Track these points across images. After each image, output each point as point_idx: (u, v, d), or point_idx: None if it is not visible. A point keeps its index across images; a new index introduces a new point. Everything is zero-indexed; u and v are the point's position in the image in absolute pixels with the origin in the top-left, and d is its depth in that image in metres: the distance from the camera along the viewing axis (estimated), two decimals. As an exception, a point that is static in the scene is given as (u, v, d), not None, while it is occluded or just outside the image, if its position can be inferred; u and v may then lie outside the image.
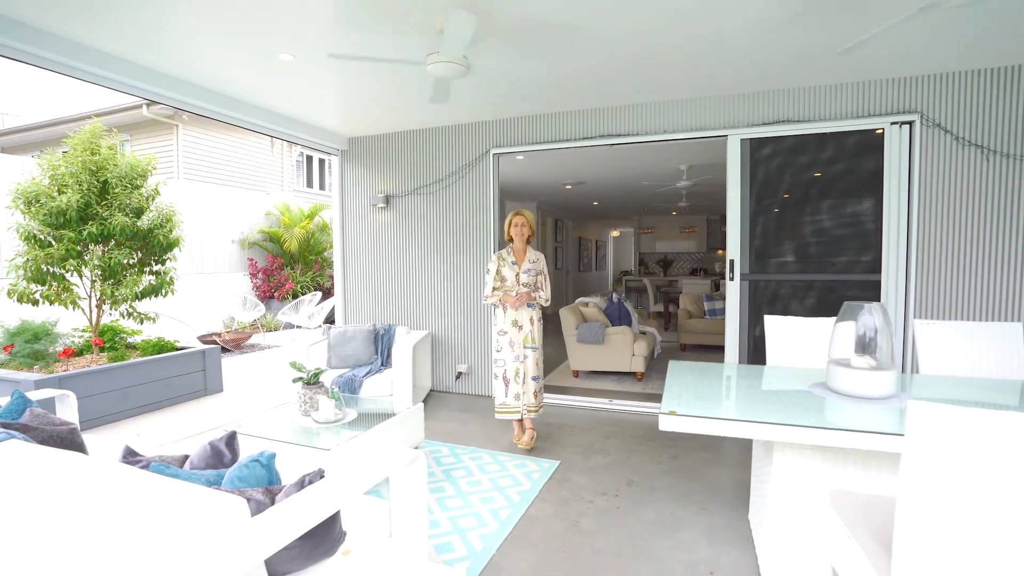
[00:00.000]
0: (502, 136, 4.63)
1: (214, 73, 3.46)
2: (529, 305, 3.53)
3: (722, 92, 3.82)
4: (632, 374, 5.36)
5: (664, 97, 3.96)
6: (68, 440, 1.86)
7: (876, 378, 1.95)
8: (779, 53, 3.10)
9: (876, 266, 3.58)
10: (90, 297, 4.53)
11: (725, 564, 2.14)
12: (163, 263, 4.81)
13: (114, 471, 1.32)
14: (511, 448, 3.48)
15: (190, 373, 4.59)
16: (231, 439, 1.78)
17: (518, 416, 3.50)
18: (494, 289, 3.54)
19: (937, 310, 3.47)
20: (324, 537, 1.52)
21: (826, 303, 3.77)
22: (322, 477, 1.58)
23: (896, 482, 1.83)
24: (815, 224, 3.79)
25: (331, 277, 10.13)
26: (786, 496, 1.92)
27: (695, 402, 1.97)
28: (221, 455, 1.75)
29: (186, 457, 1.80)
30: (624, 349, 5.18)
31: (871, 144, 3.57)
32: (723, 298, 6.83)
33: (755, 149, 3.82)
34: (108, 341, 4.63)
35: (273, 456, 1.62)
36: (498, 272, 3.54)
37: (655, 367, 5.74)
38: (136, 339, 4.80)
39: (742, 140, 3.80)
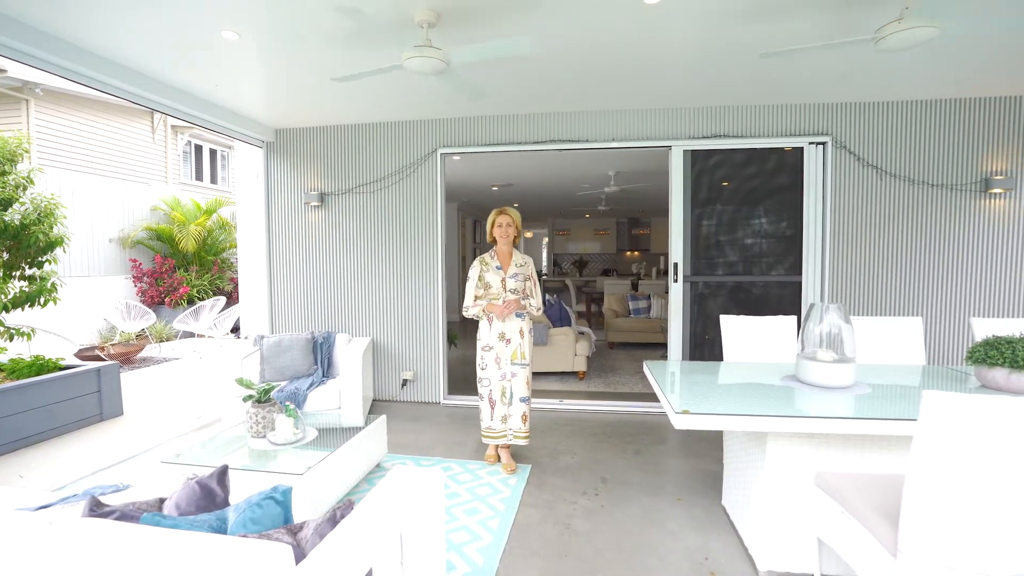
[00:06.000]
0: (449, 136, 4.50)
1: (123, 44, 2.95)
2: (518, 315, 3.17)
3: (667, 105, 4.07)
4: (574, 373, 5.51)
5: (613, 106, 4.12)
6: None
7: (842, 370, 2.21)
8: (712, 73, 3.38)
9: (798, 269, 4.06)
10: (-65, 309, 3.63)
11: (716, 548, 2.28)
12: (40, 266, 4.00)
13: (101, 532, 1.07)
14: (476, 455, 3.40)
15: (81, 396, 3.85)
16: (222, 475, 1.54)
17: (505, 442, 3.18)
18: (477, 298, 3.19)
19: (847, 307, 4.01)
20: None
21: (754, 301, 4.19)
22: (351, 509, 1.42)
23: (876, 459, 2.07)
24: (746, 230, 4.18)
25: (232, 280, 9.13)
26: (779, 480, 2.10)
27: (699, 400, 2.08)
28: (212, 495, 1.49)
29: (161, 501, 1.51)
30: (567, 349, 5.31)
31: (795, 160, 4.04)
32: (646, 297, 7.33)
33: (696, 160, 4.12)
34: (-39, 363, 3.75)
35: (289, 491, 1.43)
36: (480, 278, 3.18)
37: (592, 366, 5.96)
38: (2, 358, 3.94)
39: (685, 151, 4.09)
